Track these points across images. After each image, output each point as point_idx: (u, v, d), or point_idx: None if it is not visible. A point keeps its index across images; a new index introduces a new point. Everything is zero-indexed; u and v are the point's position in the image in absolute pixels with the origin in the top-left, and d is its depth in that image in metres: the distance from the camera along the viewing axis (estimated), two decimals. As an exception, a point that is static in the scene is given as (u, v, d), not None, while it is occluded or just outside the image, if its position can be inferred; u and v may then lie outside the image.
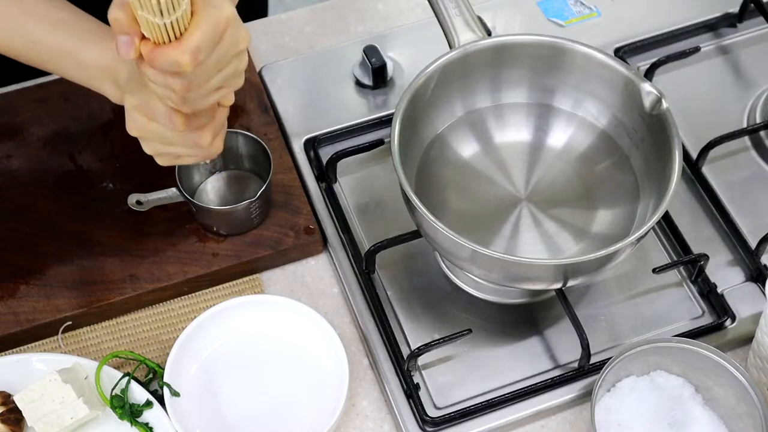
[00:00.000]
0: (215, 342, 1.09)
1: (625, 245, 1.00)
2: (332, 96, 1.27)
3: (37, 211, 1.16)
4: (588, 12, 1.34)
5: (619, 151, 1.14)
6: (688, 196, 1.20)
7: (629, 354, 1.03)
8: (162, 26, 0.83)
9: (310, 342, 1.09)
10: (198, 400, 1.06)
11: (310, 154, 1.23)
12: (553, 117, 1.16)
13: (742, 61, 1.31)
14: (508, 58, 1.13)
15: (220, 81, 0.91)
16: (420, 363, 1.09)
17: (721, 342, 1.10)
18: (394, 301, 1.13)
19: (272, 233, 1.16)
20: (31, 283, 1.12)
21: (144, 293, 1.12)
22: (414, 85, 1.08)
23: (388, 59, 1.27)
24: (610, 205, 1.11)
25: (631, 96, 1.09)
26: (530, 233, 1.10)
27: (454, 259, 1.06)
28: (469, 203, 1.12)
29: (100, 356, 1.10)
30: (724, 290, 1.13)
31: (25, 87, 1.26)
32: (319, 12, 1.36)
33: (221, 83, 0.91)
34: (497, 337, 1.11)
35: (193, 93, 0.90)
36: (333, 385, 1.05)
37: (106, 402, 1.05)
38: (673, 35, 1.32)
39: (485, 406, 1.06)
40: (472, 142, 1.16)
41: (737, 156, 1.23)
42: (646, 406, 1.04)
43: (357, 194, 1.20)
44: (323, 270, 1.17)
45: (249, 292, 1.14)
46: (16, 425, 1.03)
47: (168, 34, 0.84)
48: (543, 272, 1.03)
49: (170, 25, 0.84)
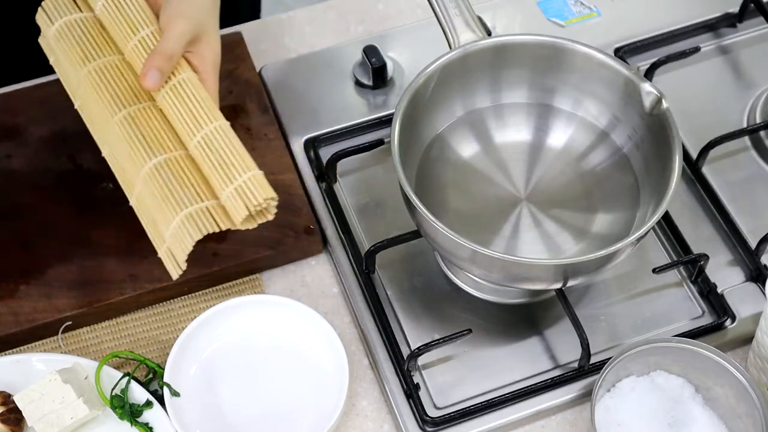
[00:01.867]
0: (215, 342, 1.09)
1: (625, 245, 1.00)
2: (332, 96, 1.27)
3: (37, 211, 1.16)
4: (588, 12, 1.34)
5: (619, 151, 1.14)
6: (688, 196, 1.20)
7: (629, 354, 1.03)
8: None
9: (310, 342, 1.09)
10: (198, 400, 1.06)
11: (310, 154, 1.23)
12: (553, 117, 1.16)
13: (742, 61, 1.31)
14: (508, 58, 1.13)
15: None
16: (420, 363, 1.09)
17: (721, 342, 1.10)
18: (394, 301, 1.13)
19: (272, 233, 1.15)
20: (31, 283, 1.12)
21: (144, 293, 1.12)
22: (414, 85, 1.08)
23: (388, 59, 1.27)
24: (610, 205, 1.11)
25: (631, 96, 1.09)
26: (530, 233, 1.10)
27: (454, 259, 1.06)
28: (469, 203, 1.12)
29: (100, 356, 1.10)
30: (724, 290, 1.13)
31: (25, 87, 1.26)
32: (319, 12, 1.36)
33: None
34: (497, 337, 1.11)
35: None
36: (333, 385, 1.05)
37: (106, 402, 1.05)
38: (673, 35, 1.32)
39: (485, 406, 1.06)
40: (472, 142, 1.16)
41: (737, 156, 1.23)
42: (646, 406, 1.04)
43: (357, 194, 1.20)
44: (323, 270, 1.17)
45: (249, 292, 1.14)
46: (16, 425, 1.03)
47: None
48: (543, 272, 1.03)
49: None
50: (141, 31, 1.02)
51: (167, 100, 0.99)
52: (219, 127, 0.97)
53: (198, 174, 0.97)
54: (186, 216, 0.94)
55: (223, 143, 0.96)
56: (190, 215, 0.94)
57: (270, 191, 0.94)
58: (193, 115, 0.98)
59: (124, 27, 1.02)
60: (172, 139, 0.99)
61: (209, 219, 0.94)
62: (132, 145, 0.98)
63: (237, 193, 0.94)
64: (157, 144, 0.98)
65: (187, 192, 0.95)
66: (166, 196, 0.95)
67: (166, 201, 0.95)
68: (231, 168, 0.95)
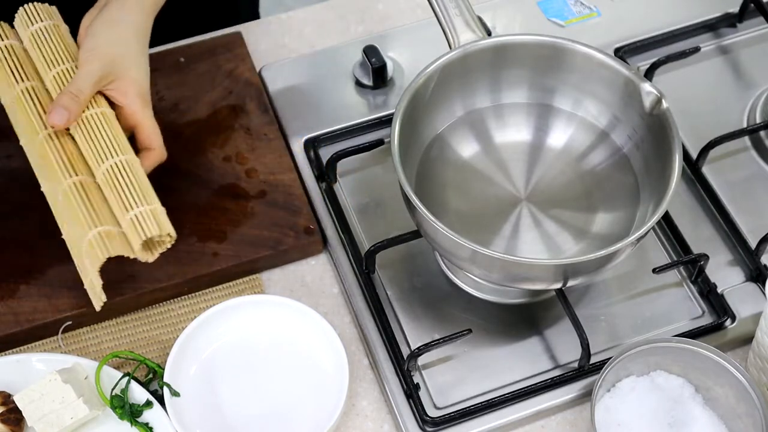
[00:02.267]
0: (215, 342, 1.09)
1: (625, 245, 1.00)
2: (332, 96, 1.27)
3: (37, 211, 1.16)
4: (588, 12, 1.34)
5: (619, 151, 1.14)
6: (688, 196, 1.20)
7: (629, 354, 1.03)
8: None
9: (310, 342, 1.09)
10: (198, 400, 1.06)
11: (310, 154, 1.23)
12: (553, 117, 1.16)
13: (742, 61, 1.31)
14: (508, 58, 1.13)
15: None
16: (420, 363, 1.09)
17: (721, 342, 1.10)
18: (394, 301, 1.13)
19: (272, 233, 1.16)
20: (31, 283, 1.12)
21: (144, 293, 1.12)
22: (414, 85, 1.08)
23: (388, 59, 1.27)
24: (609, 206, 1.11)
25: (631, 96, 1.09)
26: (530, 233, 1.10)
27: (454, 259, 1.06)
28: (469, 203, 1.12)
29: (100, 356, 1.10)
30: (724, 290, 1.13)
31: (25, 87, 1.26)
32: (319, 12, 1.36)
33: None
34: (497, 337, 1.11)
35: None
36: (333, 385, 1.05)
37: (106, 402, 1.05)
38: (673, 35, 1.32)
39: (485, 406, 1.06)
40: (472, 142, 1.16)
41: (737, 156, 1.23)
42: (646, 406, 1.04)
43: (357, 194, 1.20)
44: (323, 270, 1.17)
45: (249, 292, 1.14)
46: (16, 425, 1.03)
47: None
48: (543, 272, 1.03)
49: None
50: (59, 65, 1.08)
51: (77, 133, 1.06)
52: (124, 161, 1.03)
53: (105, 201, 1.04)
54: (95, 236, 1.01)
55: (127, 175, 1.03)
56: (99, 234, 1.01)
57: (167, 227, 1.01)
58: (99, 148, 1.04)
59: (44, 60, 1.09)
60: (83, 165, 1.06)
61: (119, 242, 1.01)
62: (54, 162, 1.05)
63: (133, 223, 1.00)
64: (70, 167, 1.04)
65: (97, 214, 1.02)
66: (81, 214, 1.02)
67: (81, 218, 1.02)
68: (129, 198, 1.01)
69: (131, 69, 1.07)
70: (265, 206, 1.17)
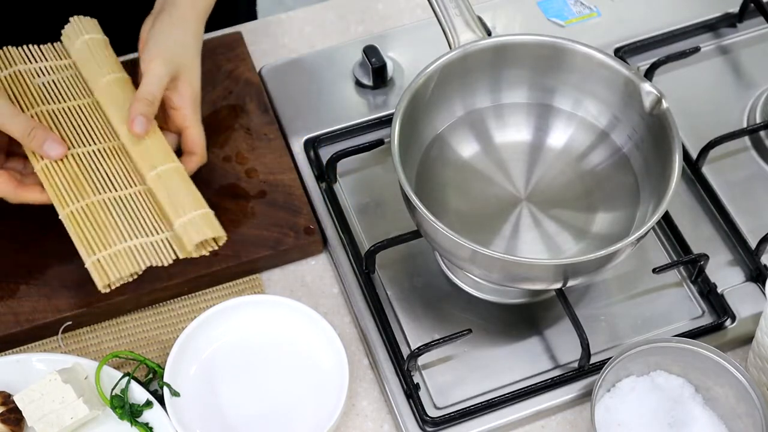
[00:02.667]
0: (215, 342, 1.09)
1: (625, 245, 1.00)
2: (332, 96, 1.27)
3: (37, 210, 1.16)
4: (588, 12, 1.34)
5: (619, 151, 1.14)
6: (688, 196, 1.20)
7: (629, 354, 1.03)
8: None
9: (310, 342, 1.09)
10: (198, 400, 1.06)
11: (310, 154, 1.23)
12: (553, 117, 1.16)
13: (742, 61, 1.31)
14: (508, 58, 1.13)
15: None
16: (420, 363, 1.09)
17: (721, 342, 1.10)
18: (394, 301, 1.13)
19: (272, 233, 1.16)
20: (31, 283, 1.12)
21: (144, 293, 1.12)
22: (414, 85, 1.08)
23: (388, 59, 1.27)
24: (609, 205, 1.11)
25: (631, 96, 1.09)
26: (530, 233, 1.10)
27: (454, 259, 1.06)
28: (469, 203, 1.12)
29: (100, 356, 1.10)
30: (724, 290, 1.13)
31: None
32: (319, 12, 1.36)
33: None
34: (497, 337, 1.11)
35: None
36: (333, 385, 1.05)
37: (106, 402, 1.05)
38: (673, 35, 1.32)
39: (485, 406, 1.06)
40: (472, 142, 1.16)
41: (737, 156, 1.23)
42: (646, 406, 1.04)
43: (357, 194, 1.20)
44: (323, 270, 1.17)
45: (249, 292, 1.14)
46: (16, 425, 1.03)
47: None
48: (543, 272, 1.03)
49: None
50: (111, 74, 1.12)
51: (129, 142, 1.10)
52: (172, 168, 1.08)
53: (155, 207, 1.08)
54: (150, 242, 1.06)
55: (176, 181, 1.08)
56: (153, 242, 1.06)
57: (219, 230, 1.07)
58: (148, 156, 1.09)
59: (98, 66, 1.13)
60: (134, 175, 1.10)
61: (167, 249, 1.06)
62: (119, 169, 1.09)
63: (186, 226, 1.05)
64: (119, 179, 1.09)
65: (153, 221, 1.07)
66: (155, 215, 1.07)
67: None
68: (182, 202, 1.06)
69: (190, 70, 1.10)
70: (265, 206, 1.17)
